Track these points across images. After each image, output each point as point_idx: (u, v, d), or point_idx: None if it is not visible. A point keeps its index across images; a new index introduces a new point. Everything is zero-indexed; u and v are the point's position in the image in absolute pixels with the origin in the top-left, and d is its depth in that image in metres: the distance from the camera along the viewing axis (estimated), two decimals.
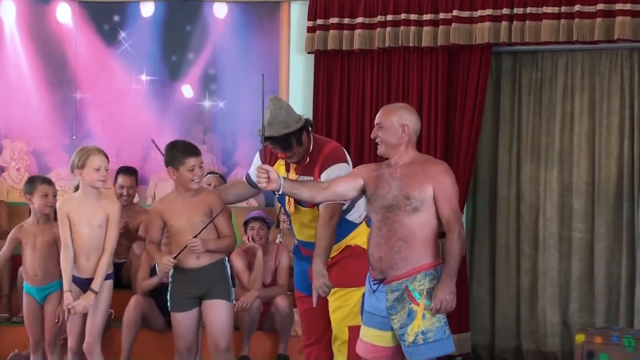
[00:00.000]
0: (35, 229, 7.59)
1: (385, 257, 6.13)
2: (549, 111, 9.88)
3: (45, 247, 7.52)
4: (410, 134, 6.28)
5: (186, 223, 7.06)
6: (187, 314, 7.12)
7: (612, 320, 9.50)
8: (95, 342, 7.04)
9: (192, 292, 7.06)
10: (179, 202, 7.11)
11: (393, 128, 6.29)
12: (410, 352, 6.13)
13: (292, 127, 6.91)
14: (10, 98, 10.91)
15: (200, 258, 7.05)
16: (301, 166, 7.10)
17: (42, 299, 7.58)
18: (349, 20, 10.23)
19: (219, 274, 7.06)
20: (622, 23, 9.00)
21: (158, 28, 10.89)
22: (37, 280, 7.54)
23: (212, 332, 7.14)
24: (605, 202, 9.60)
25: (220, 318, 7.05)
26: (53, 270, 7.55)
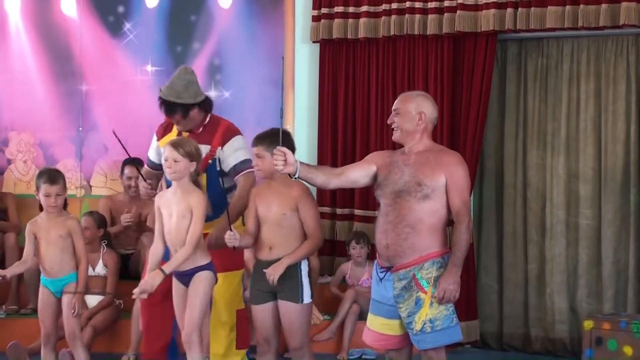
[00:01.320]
0: (48, 222, 7.56)
1: (392, 245, 6.14)
2: (555, 98, 9.88)
3: (59, 241, 7.49)
4: (427, 122, 6.30)
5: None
6: (260, 307, 6.94)
7: (620, 306, 9.50)
8: (193, 335, 6.95)
9: (264, 286, 6.87)
10: (271, 190, 7.02)
11: (410, 115, 6.30)
12: (417, 340, 6.15)
13: (183, 99, 7.54)
14: (15, 91, 10.94)
15: (272, 250, 6.86)
16: (194, 134, 7.57)
17: (57, 291, 7.56)
18: (353, 9, 10.24)
19: (290, 272, 6.79)
20: (628, 9, 8.98)
21: (163, 18, 10.92)
22: (53, 272, 7.53)
23: (284, 331, 6.97)
24: (612, 188, 9.59)
25: (286, 319, 6.84)
26: (68, 263, 7.51)
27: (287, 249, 6.80)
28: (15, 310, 9.85)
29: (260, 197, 6.94)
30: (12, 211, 10.34)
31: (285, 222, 6.77)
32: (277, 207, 6.81)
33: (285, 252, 6.80)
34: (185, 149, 6.92)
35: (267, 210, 6.84)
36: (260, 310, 6.90)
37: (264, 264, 6.89)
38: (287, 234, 6.79)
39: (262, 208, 6.89)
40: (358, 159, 9.86)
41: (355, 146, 10.28)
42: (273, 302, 6.86)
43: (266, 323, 6.92)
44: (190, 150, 6.91)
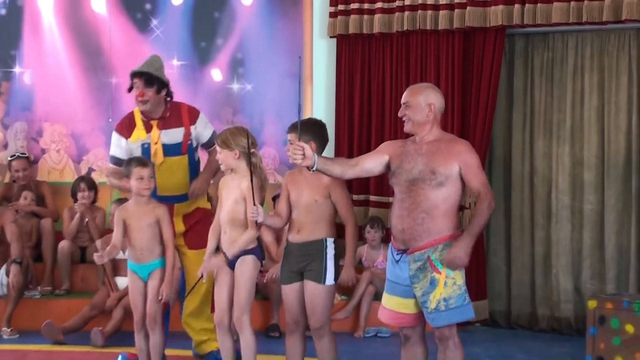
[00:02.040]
0: (137, 210, 7.46)
1: (408, 229, 6.16)
2: (560, 90, 9.89)
3: (147, 228, 7.38)
4: (436, 112, 6.31)
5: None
6: (289, 287, 6.93)
7: (622, 286, 9.53)
8: (243, 317, 6.93)
9: (292, 266, 6.89)
10: (302, 177, 6.95)
11: (420, 107, 6.30)
12: (432, 318, 6.18)
13: (159, 75, 7.97)
14: (49, 84, 10.98)
15: (301, 233, 6.85)
16: (162, 121, 7.92)
17: (145, 276, 7.49)
18: (369, 6, 10.27)
19: (316, 254, 6.79)
20: (630, 4, 8.99)
21: (188, 15, 10.95)
22: (142, 258, 7.47)
23: (307, 309, 6.92)
24: (614, 174, 9.61)
25: (309, 298, 6.81)
26: (155, 249, 7.43)
27: (314, 233, 6.79)
28: (50, 292, 9.90)
29: (292, 183, 6.93)
30: (48, 198, 10.41)
31: (316, 208, 6.77)
32: (308, 194, 6.79)
33: (312, 235, 6.79)
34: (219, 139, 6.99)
35: (298, 196, 6.83)
36: (289, 289, 6.91)
37: (292, 245, 6.91)
38: (317, 219, 6.78)
39: (294, 194, 6.87)
40: (373, 149, 9.83)
41: (370, 137, 10.31)
42: (300, 282, 6.85)
43: (294, 303, 6.89)
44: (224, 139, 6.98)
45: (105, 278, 9.44)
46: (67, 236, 10.00)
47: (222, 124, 10.73)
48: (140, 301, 7.47)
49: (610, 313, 7.94)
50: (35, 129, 11.00)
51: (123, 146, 7.89)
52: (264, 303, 9.61)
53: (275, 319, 9.47)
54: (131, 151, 7.81)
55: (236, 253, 6.92)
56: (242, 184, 6.90)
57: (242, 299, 6.93)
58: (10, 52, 10.92)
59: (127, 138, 7.90)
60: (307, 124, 6.95)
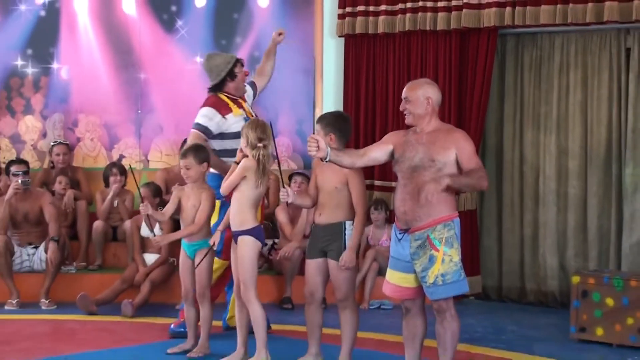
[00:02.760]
0: (190, 191, 7.40)
1: (410, 211, 6.17)
2: (547, 85, 9.88)
3: (191, 208, 7.32)
4: (434, 105, 6.31)
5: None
6: (311, 261, 6.92)
7: (603, 264, 9.53)
8: (248, 293, 6.87)
9: (316, 244, 6.89)
10: (327, 164, 6.92)
11: (419, 101, 6.30)
12: (430, 291, 6.18)
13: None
14: (84, 79, 10.99)
15: (322, 216, 6.83)
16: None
17: (191, 254, 7.44)
18: (374, 8, 10.26)
19: (336, 235, 6.76)
20: (611, 7, 8.98)
21: (210, 16, 10.96)
22: (188, 237, 7.43)
23: (332, 284, 6.93)
24: (596, 163, 9.61)
25: (333, 276, 6.80)
26: (201, 229, 7.35)
27: (333, 217, 6.77)
28: (84, 267, 9.93)
29: (319, 169, 6.91)
30: (83, 183, 10.44)
31: (336, 194, 6.73)
32: (330, 180, 6.76)
33: (332, 218, 6.77)
34: None
35: (323, 181, 6.81)
36: (311, 263, 6.91)
37: (316, 226, 6.91)
38: (336, 204, 6.76)
39: (320, 178, 6.86)
40: (377, 139, 9.84)
41: (375, 127, 10.31)
42: (323, 258, 6.83)
43: (313, 276, 6.89)
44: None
45: (135, 254, 9.47)
46: (100, 217, 10.03)
47: None
48: (186, 276, 7.43)
49: (592, 288, 7.95)
50: (71, 119, 11.02)
51: (216, 121, 7.82)
52: (278, 278, 9.63)
53: (288, 292, 9.48)
54: (224, 126, 7.84)
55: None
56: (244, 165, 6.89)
57: (245, 276, 6.90)
58: (49, 49, 10.93)
59: (224, 115, 7.86)
60: (330, 117, 6.97)
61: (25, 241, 9.54)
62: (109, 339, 7.98)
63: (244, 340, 7.10)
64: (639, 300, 7.75)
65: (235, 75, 8.00)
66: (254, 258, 6.95)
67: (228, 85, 8.00)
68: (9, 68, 10.90)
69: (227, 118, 7.83)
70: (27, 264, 9.54)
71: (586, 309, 7.98)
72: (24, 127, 10.98)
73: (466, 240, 6.26)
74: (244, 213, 6.93)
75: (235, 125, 7.77)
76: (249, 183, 6.87)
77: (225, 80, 7.98)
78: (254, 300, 6.91)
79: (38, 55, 10.92)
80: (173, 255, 9.24)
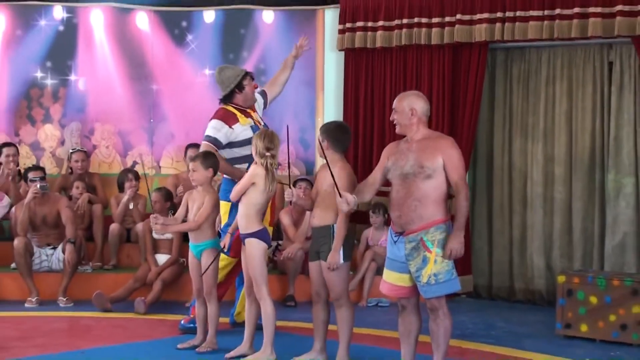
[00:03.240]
0: (197, 195, 7.41)
1: (404, 215, 6.17)
2: (535, 96, 9.88)
3: (197, 211, 7.33)
4: (419, 115, 6.29)
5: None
6: (312, 263, 6.91)
7: (587, 264, 9.52)
8: (260, 291, 6.87)
9: (313, 246, 6.88)
10: (323, 170, 6.85)
11: (404, 111, 6.30)
12: (424, 290, 6.18)
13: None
14: (100, 90, 10.98)
15: (315, 218, 6.81)
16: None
17: (198, 254, 7.43)
18: (372, 24, 10.27)
19: (326, 238, 6.72)
20: (594, 23, 8.98)
21: (218, 31, 10.96)
22: (194, 239, 7.41)
23: (327, 284, 6.88)
24: (580, 169, 9.61)
25: (326, 276, 6.75)
26: (205, 232, 7.34)
27: (323, 219, 6.75)
28: (100, 267, 9.93)
29: (319, 174, 6.93)
30: (99, 188, 10.44)
31: (326, 196, 6.70)
32: (323, 183, 6.75)
33: (321, 222, 6.75)
34: None
35: (320, 184, 6.80)
36: (312, 265, 6.90)
37: (312, 229, 6.92)
38: (326, 207, 6.74)
39: (317, 182, 6.87)
40: (375, 148, 10.03)
41: (373, 136, 10.31)
42: (319, 260, 6.82)
43: (316, 277, 6.87)
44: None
45: (147, 255, 9.47)
46: (116, 220, 10.03)
47: None
48: (194, 275, 7.43)
49: (576, 287, 7.95)
50: (88, 128, 11.01)
51: (224, 132, 7.81)
52: (282, 277, 9.63)
53: (291, 290, 9.48)
54: (232, 136, 7.83)
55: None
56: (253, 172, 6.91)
57: (255, 275, 6.92)
58: (67, 62, 10.93)
59: (230, 125, 7.85)
60: (329, 126, 6.97)
61: (44, 242, 9.55)
62: (123, 334, 7.99)
63: (250, 334, 7.11)
64: (621, 299, 7.75)
65: (244, 88, 8.00)
66: (261, 258, 6.96)
67: (236, 97, 8.01)
68: (30, 79, 10.90)
69: (234, 128, 7.84)
70: (45, 264, 9.54)
71: (571, 307, 7.98)
72: (44, 135, 10.97)
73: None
74: (250, 217, 6.94)
75: (243, 133, 7.80)
76: (257, 188, 6.89)
77: (233, 92, 7.99)
78: (265, 297, 6.93)
79: (57, 68, 10.92)
80: (183, 256, 9.24)
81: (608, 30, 8.97)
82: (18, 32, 10.89)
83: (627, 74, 9.37)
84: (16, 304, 9.22)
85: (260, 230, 6.97)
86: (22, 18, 10.88)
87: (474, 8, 9.64)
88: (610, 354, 7.47)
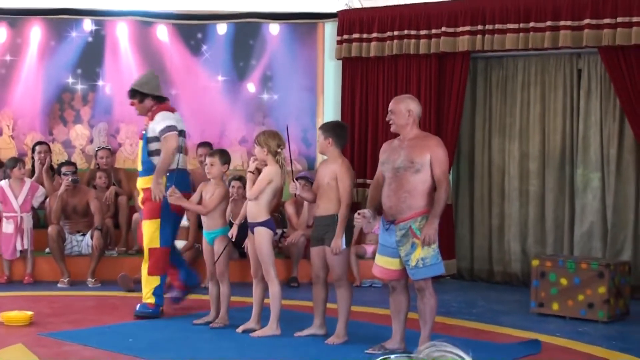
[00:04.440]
0: (209, 186, 7.38)
1: (395, 206, 6.17)
2: (511, 99, 9.87)
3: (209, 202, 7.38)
4: (414, 117, 6.30)
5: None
6: (313, 249, 6.87)
7: (558, 249, 9.52)
8: (269, 274, 6.86)
9: (316, 234, 6.83)
10: (324, 163, 6.93)
11: (401, 113, 6.30)
12: (412, 272, 6.19)
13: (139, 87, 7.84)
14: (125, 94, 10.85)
15: (319, 209, 6.77)
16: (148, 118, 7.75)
17: (210, 241, 7.41)
18: (366, 35, 10.25)
19: (329, 226, 6.67)
20: (565, 34, 8.96)
21: (229, 42, 10.94)
22: (206, 227, 7.38)
23: (329, 267, 6.86)
24: (552, 164, 9.59)
25: (329, 261, 6.72)
26: (217, 221, 7.29)
27: (326, 209, 6.72)
28: (124, 251, 9.92)
29: (320, 169, 6.93)
30: (124, 181, 10.40)
31: (328, 189, 6.68)
32: (323, 177, 6.73)
33: (325, 211, 6.71)
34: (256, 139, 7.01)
35: (321, 178, 6.77)
36: (313, 251, 6.88)
37: (315, 218, 6.89)
38: (329, 198, 6.70)
39: (319, 176, 6.83)
40: (370, 147, 10.06)
41: (367, 135, 10.30)
42: (321, 246, 6.77)
43: (316, 261, 6.85)
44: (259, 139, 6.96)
45: None
46: (138, 209, 9.98)
47: (255, 125, 10.75)
48: (208, 259, 7.40)
49: (549, 269, 7.94)
50: (113, 128, 11.00)
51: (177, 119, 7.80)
52: (286, 261, 9.61)
53: (295, 273, 9.47)
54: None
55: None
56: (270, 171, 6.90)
57: (264, 260, 6.92)
58: (95, 69, 10.91)
59: None
60: (330, 125, 6.98)
61: (74, 229, 9.53)
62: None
63: (258, 312, 7.12)
64: (588, 280, 7.74)
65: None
66: (269, 244, 6.95)
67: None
68: (62, 85, 10.90)
69: None
70: (76, 248, 9.53)
71: (544, 288, 7.97)
72: (74, 134, 10.96)
73: (443, 230, 6.26)
74: (260, 208, 6.93)
75: None
76: (272, 185, 6.89)
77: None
78: (273, 279, 6.93)
79: (86, 74, 10.90)
80: (198, 242, 9.22)
81: (577, 41, 8.94)
82: (52, 43, 10.88)
83: (594, 80, 9.34)
84: (50, 284, 9.23)
85: (268, 220, 6.96)
86: (55, 30, 10.87)
87: (457, 21, 9.61)
88: (578, 330, 7.47)
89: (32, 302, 8.31)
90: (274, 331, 6.92)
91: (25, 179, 9.63)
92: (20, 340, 6.72)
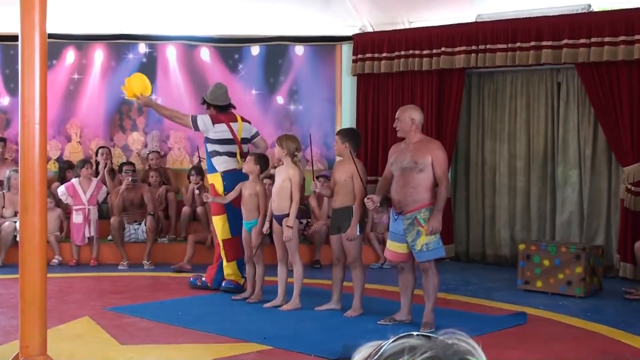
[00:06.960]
0: (248, 184, 7.38)
1: (402, 199, 6.18)
2: (501, 108, 9.83)
3: (248, 197, 7.25)
4: (417, 124, 6.29)
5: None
6: (332, 236, 6.85)
7: (541, 235, 9.48)
8: (294, 257, 6.91)
9: (334, 223, 6.82)
10: (340, 163, 6.90)
11: (405, 121, 6.29)
12: (418, 255, 6.20)
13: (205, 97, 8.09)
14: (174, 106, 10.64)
15: (337, 202, 6.74)
16: None
17: (249, 229, 7.41)
18: (377, 55, 10.24)
19: (346, 216, 6.65)
20: (546, 53, 8.92)
21: (262, 61, 10.93)
22: (245, 217, 7.38)
23: (345, 252, 6.83)
24: (537, 163, 9.56)
25: (346, 246, 6.69)
26: (253, 212, 7.28)
27: (342, 203, 6.70)
28: (174, 238, 9.93)
29: (336, 167, 6.93)
30: (172, 180, 10.45)
31: (345, 185, 6.68)
32: (341, 175, 6.72)
33: (342, 204, 6.69)
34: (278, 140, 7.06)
35: (338, 176, 6.76)
36: (332, 238, 6.87)
37: (333, 210, 6.87)
38: (345, 193, 6.68)
39: (336, 174, 6.82)
40: (380, 148, 10.05)
41: (378, 140, 10.29)
42: (339, 234, 6.75)
43: (335, 247, 6.84)
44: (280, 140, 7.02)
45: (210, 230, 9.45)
46: (186, 203, 10.04)
47: (283, 131, 10.66)
48: (246, 245, 7.40)
49: (533, 252, 7.92)
50: (164, 134, 11.02)
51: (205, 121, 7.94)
52: (310, 246, 9.62)
53: (317, 256, 9.48)
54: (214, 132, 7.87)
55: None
56: (288, 171, 6.91)
57: (291, 246, 6.94)
58: None
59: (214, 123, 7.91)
60: (346, 131, 7.02)
61: (132, 219, 9.58)
62: (190, 290, 7.98)
63: (283, 290, 7.14)
64: (567, 262, 7.72)
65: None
66: (295, 232, 6.96)
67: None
68: (121, 99, 10.85)
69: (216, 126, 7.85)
70: (133, 236, 9.57)
71: (529, 268, 7.94)
72: (131, 140, 11.01)
73: (443, 219, 6.22)
74: (285, 202, 6.95)
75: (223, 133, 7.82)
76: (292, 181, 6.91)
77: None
78: (297, 261, 6.97)
79: None
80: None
81: (557, 58, 8.91)
82: (112, 63, 10.93)
83: (572, 92, 9.30)
84: (111, 266, 9.28)
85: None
86: (115, 53, 10.91)
87: (454, 42, 9.59)
88: (558, 303, 7.44)
89: (97, 281, 8.37)
90: (296, 305, 6.95)
91: (92, 178, 9.70)
92: (87, 313, 6.78)
